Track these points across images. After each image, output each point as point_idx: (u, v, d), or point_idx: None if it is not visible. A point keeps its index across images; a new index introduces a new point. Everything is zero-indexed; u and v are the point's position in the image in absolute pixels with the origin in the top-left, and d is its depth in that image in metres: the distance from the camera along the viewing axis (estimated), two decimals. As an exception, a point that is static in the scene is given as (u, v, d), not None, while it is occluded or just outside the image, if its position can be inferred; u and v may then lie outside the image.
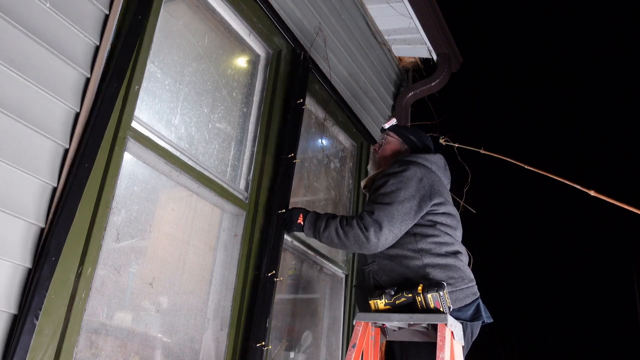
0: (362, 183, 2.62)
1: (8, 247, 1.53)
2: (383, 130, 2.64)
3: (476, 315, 2.18)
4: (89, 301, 1.73)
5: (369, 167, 2.67)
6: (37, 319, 1.51)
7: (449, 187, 2.47)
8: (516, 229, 14.78)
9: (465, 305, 2.17)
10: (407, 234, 2.23)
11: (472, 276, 2.27)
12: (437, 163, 2.40)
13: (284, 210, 2.45)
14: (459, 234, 2.37)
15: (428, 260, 2.17)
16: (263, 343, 2.15)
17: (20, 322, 1.50)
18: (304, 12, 3.11)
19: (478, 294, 2.25)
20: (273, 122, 2.70)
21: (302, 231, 2.38)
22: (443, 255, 2.20)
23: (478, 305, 2.21)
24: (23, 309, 1.52)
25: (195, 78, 2.40)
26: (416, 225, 2.24)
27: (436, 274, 2.15)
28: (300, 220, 2.37)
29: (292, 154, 2.61)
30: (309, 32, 3.14)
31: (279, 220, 2.43)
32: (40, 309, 1.52)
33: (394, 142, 2.58)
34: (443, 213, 2.28)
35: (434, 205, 2.27)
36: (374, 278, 2.25)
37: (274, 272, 2.30)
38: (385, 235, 2.17)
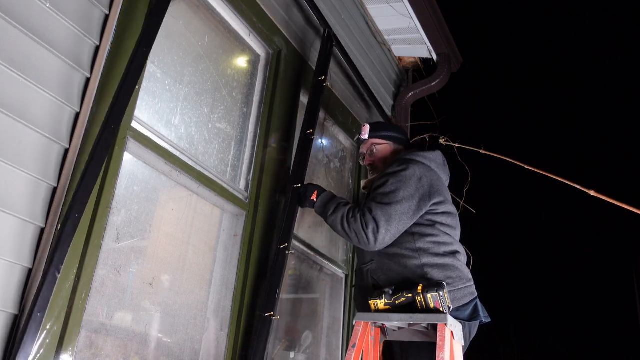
0: (362, 184, 2.61)
1: (8, 246, 1.53)
2: (362, 140, 2.60)
3: (474, 315, 2.18)
4: (89, 301, 1.73)
5: (369, 174, 2.65)
6: (42, 318, 1.51)
7: (447, 184, 2.47)
8: (516, 229, 14.78)
9: (463, 305, 2.17)
10: (406, 233, 2.23)
11: (470, 276, 2.27)
12: (436, 160, 2.40)
13: (300, 185, 2.46)
14: (457, 233, 2.36)
15: (426, 259, 2.17)
16: (272, 313, 2.16)
17: (23, 322, 1.50)
18: (303, 11, 3.11)
19: (476, 294, 2.25)
20: (273, 122, 2.70)
21: (313, 208, 2.40)
22: (441, 255, 2.20)
23: (476, 305, 2.21)
24: (24, 309, 1.52)
25: (195, 78, 2.40)
26: (415, 224, 2.24)
27: (434, 273, 2.15)
28: (314, 197, 2.39)
29: (311, 130, 2.62)
30: (309, 32, 3.14)
31: (294, 194, 2.45)
32: (45, 309, 1.52)
33: (385, 147, 2.56)
34: (442, 213, 2.28)
35: (434, 204, 2.27)
36: (372, 277, 2.25)
37: (286, 244, 2.31)
38: (383, 235, 2.17)
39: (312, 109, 2.72)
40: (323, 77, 2.80)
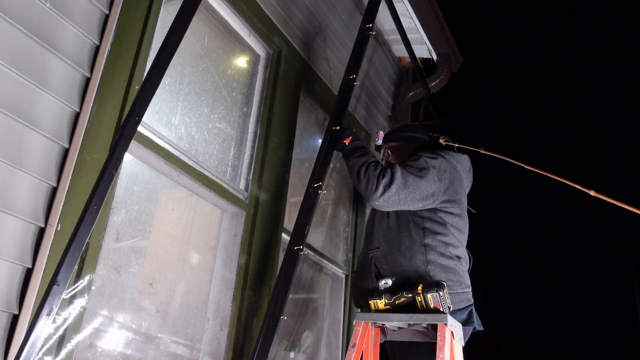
0: None
1: (8, 247, 1.53)
2: (379, 146, 2.64)
3: (468, 321, 2.19)
4: (89, 301, 1.73)
5: None
6: (41, 319, 1.50)
7: (468, 190, 2.49)
8: (516, 229, 14.77)
9: (459, 309, 2.17)
10: (417, 227, 2.24)
11: (469, 283, 2.28)
12: (462, 163, 2.44)
13: (338, 128, 2.50)
14: (465, 238, 2.37)
15: (431, 257, 2.18)
16: (301, 247, 2.21)
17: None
18: (303, 11, 3.11)
19: (472, 301, 2.25)
20: (273, 122, 2.70)
21: (342, 151, 2.45)
22: (447, 257, 2.20)
23: (471, 311, 2.22)
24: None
25: (195, 78, 2.40)
26: (426, 219, 2.25)
27: (436, 272, 2.16)
28: (346, 141, 2.44)
29: (354, 76, 2.67)
30: (309, 32, 3.14)
31: (332, 136, 2.49)
32: (44, 309, 1.51)
33: (400, 147, 2.57)
34: (454, 214, 2.29)
35: (446, 202, 2.28)
36: (375, 265, 2.26)
37: (320, 183, 2.35)
38: (391, 194, 2.19)
39: (356, 57, 2.77)
40: (370, 25, 2.84)
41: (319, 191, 2.34)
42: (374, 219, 2.41)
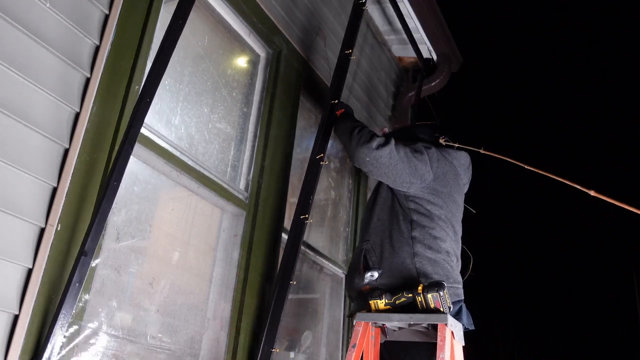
0: None
1: (8, 247, 1.53)
2: None
3: (456, 317, 2.17)
4: (89, 301, 1.73)
5: None
6: (72, 287, 1.54)
7: (466, 188, 2.50)
8: (516, 229, 14.77)
9: None
10: (405, 219, 2.25)
11: (459, 279, 2.27)
12: (459, 160, 2.47)
13: (337, 101, 2.64)
14: (453, 233, 2.34)
15: (418, 249, 2.18)
16: (307, 216, 2.34)
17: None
18: (304, 12, 3.11)
19: (462, 297, 2.24)
20: (273, 122, 2.70)
21: (335, 122, 2.56)
22: (434, 251, 2.20)
23: (460, 307, 2.20)
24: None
25: (195, 78, 2.40)
26: (413, 211, 2.26)
27: (423, 265, 2.15)
28: (338, 113, 2.58)
29: (350, 50, 2.78)
30: (309, 32, 3.14)
31: (332, 109, 2.61)
32: (74, 278, 1.54)
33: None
34: (439, 206, 2.29)
35: (433, 190, 2.29)
36: (364, 257, 2.27)
37: (321, 155, 2.47)
38: (383, 153, 2.23)
39: (352, 30, 2.88)
40: (363, 1, 2.94)
41: (321, 162, 2.44)
42: (368, 211, 2.43)
